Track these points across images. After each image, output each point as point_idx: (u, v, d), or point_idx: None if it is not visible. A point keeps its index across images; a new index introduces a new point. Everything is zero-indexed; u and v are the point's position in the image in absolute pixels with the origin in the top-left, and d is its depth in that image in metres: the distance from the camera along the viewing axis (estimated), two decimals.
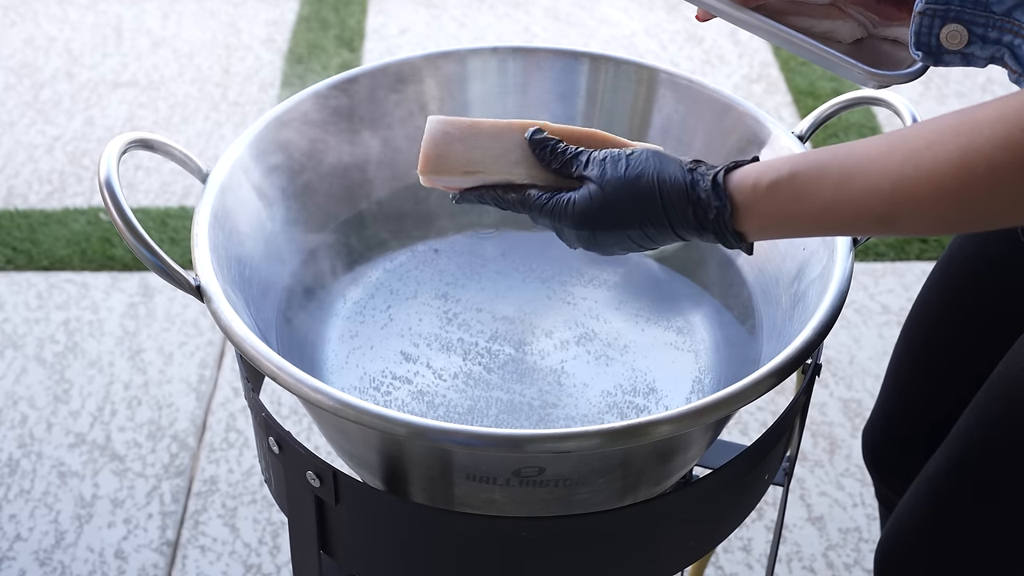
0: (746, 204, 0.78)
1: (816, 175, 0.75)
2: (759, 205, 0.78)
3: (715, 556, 1.66)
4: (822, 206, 0.75)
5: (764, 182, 0.77)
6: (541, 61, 1.17)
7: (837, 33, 0.93)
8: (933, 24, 0.79)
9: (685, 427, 0.82)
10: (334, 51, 2.82)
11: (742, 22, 0.90)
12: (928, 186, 0.69)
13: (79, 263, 2.17)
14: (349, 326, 1.06)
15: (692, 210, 0.80)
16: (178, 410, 1.89)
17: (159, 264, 0.90)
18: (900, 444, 1.24)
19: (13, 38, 2.87)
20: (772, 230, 0.79)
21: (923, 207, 0.70)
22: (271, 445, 0.93)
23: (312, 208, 1.11)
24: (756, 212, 0.78)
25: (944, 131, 0.69)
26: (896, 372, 1.24)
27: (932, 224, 0.72)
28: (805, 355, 0.86)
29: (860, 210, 0.73)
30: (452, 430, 0.80)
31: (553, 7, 3.02)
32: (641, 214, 0.81)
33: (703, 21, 0.95)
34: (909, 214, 0.71)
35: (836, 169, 0.74)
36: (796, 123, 1.09)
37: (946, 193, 0.69)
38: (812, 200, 0.75)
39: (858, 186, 0.72)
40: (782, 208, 0.77)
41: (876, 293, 2.14)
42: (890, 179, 0.71)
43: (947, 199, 0.69)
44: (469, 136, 0.89)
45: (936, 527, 1.03)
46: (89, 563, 1.65)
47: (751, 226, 0.79)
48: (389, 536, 0.93)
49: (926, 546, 1.04)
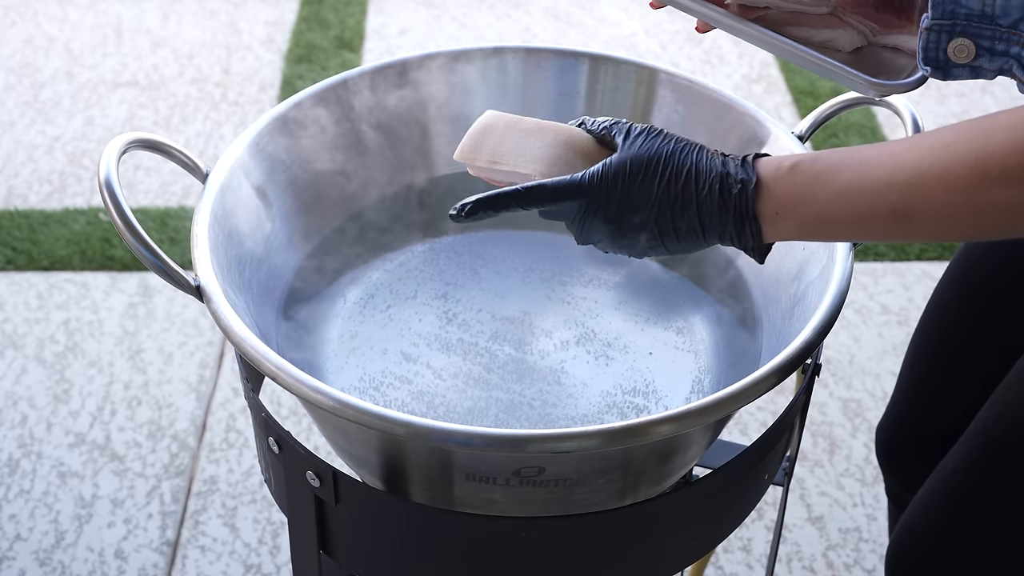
0: (769, 182, 0.78)
1: (837, 161, 0.76)
2: (779, 184, 0.78)
3: (715, 556, 1.66)
4: (839, 192, 0.76)
5: (788, 163, 0.78)
6: (541, 61, 1.17)
7: (837, 42, 0.94)
8: (940, 39, 0.80)
9: (685, 427, 0.82)
10: (334, 51, 2.82)
11: (743, 33, 0.91)
12: (942, 183, 0.71)
13: (79, 263, 2.17)
14: (349, 326, 1.06)
15: (720, 184, 0.79)
16: (178, 410, 1.89)
17: (159, 264, 0.90)
18: (914, 441, 1.24)
19: (13, 38, 2.88)
20: (788, 219, 0.78)
21: (936, 204, 0.71)
22: (271, 445, 0.93)
23: (312, 208, 1.11)
24: (776, 192, 0.78)
25: (962, 133, 0.71)
26: (911, 369, 1.24)
27: (945, 225, 0.73)
28: (805, 355, 0.86)
29: (875, 200, 0.74)
30: (452, 430, 0.80)
31: (553, 7, 3.02)
32: (666, 186, 0.80)
33: (703, 32, 0.96)
34: (922, 210, 0.72)
35: (857, 159, 0.75)
36: (796, 123, 1.09)
37: (958, 192, 0.70)
38: (830, 183, 0.76)
39: (875, 176, 0.74)
40: (800, 189, 0.77)
41: (876, 293, 2.14)
42: (907, 172, 0.72)
43: (959, 198, 0.70)
44: (507, 130, 0.90)
45: (952, 524, 1.03)
46: (89, 563, 1.65)
47: (769, 209, 0.78)
48: (389, 536, 0.93)
49: (941, 543, 1.04)
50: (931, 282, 2.15)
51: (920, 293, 2.13)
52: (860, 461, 1.82)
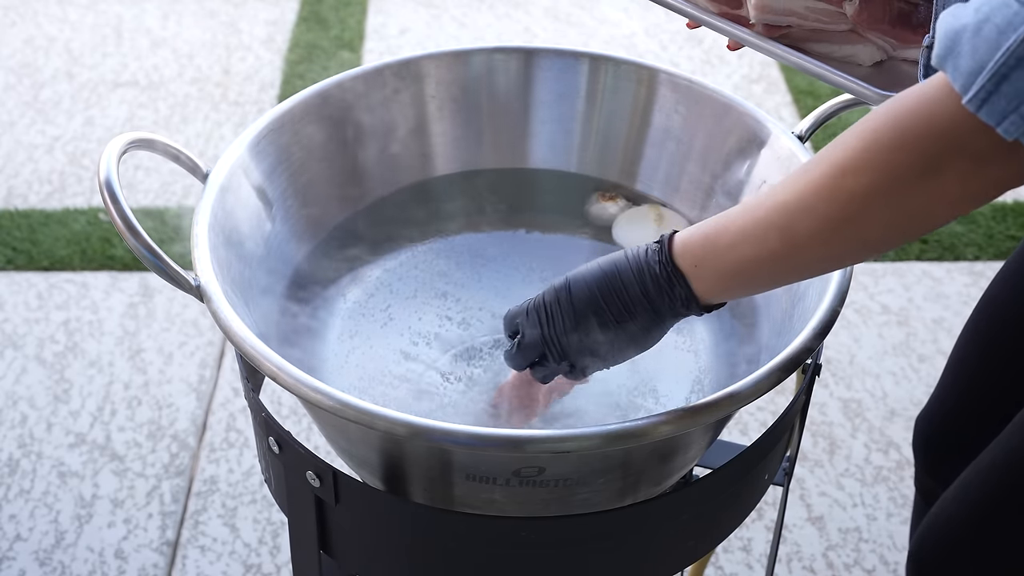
0: (681, 238, 0.83)
1: (733, 213, 0.81)
2: (691, 239, 0.82)
3: (715, 556, 1.66)
4: (736, 232, 0.79)
5: (698, 228, 0.82)
6: (541, 61, 1.18)
7: (858, 57, 0.99)
8: None
9: (685, 427, 0.82)
10: (334, 51, 2.82)
11: (767, 51, 0.98)
12: (811, 187, 0.75)
13: (79, 263, 2.17)
14: (349, 325, 1.06)
15: (644, 252, 0.84)
16: (178, 410, 1.89)
17: (159, 264, 0.90)
18: (954, 434, 1.24)
19: (13, 38, 2.88)
20: (707, 270, 0.82)
21: (811, 214, 0.75)
22: (271, 445, 0.93)
23: (312, 208, 1.12)
24: (689, 245, 0.82)
25: (818, 154, 0.76)
26: (959, 362, 1.25)
27: (829, 235, 0.75)
28: (805, 355, 0.86)
29: (765, 229, 0.78)
30: (452, 430, 0.80)
31: (553, 7, 3.02)
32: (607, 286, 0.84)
33: (734, 50, 1.02)
34: (802, 224, 0.75)
35: (741, 207, 0.81)
36: (796, 123, 1.09)
37: (824, 196, 0.74)
38: (728, 228, 0.80)
39: (759, 212, 0.78)
40: (708, 239, 0.81)
41: (876, 293, 2.14)
42: (784, 195, 0.77)
43: (825, 202, 0.74)
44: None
45: (986, 517, 1.03)
46: (89, 563, 1.65)
47: (687, 263, 0.82)
48: (389, 536, 0.93)
49: (973, 537, 1.05)
50: (931, 282, 2.16)
51: (920, 293, 2.13)
52: (860, 461, 1.82)
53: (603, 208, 1.16)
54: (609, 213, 1.15)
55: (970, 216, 2.30)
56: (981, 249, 2.23)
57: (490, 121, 1.19)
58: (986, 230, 2.27)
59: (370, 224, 1.14)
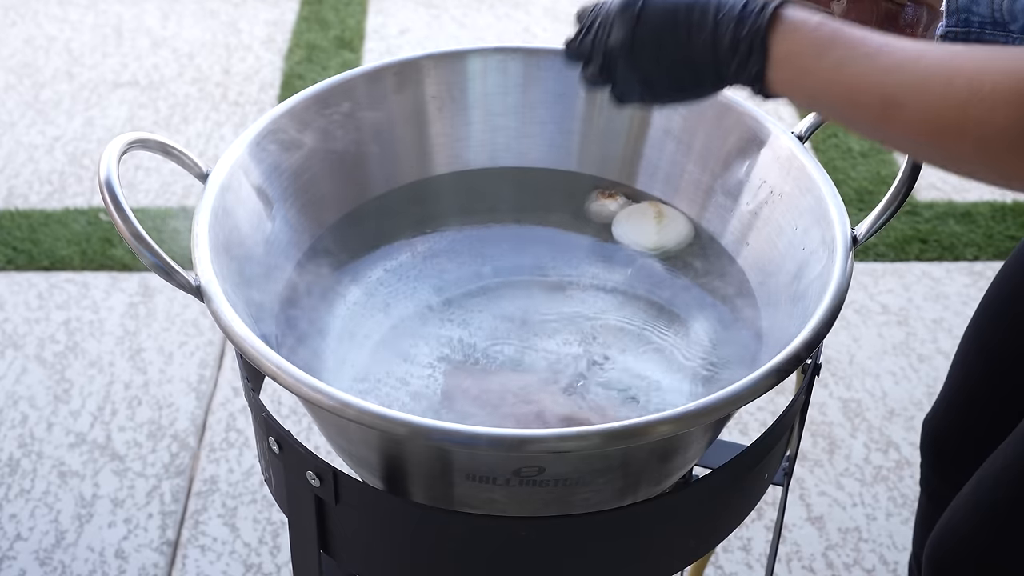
0: (792, 19, 0.78)
1: (859, 36, 0.75)
2: (804, 26, 0.77)
3: (715, 556, 1.66)
4: (836, 62, 0.75)
5: (815, 18, 0.77)
6: (541, 61, 1.18)
7: None
8: None
9: (685, 427, 0.82)
10: (334, 51, 2.82)
11: None
12: (941, 78, 0.70)
13: (79, 263, 2.17)
14: (349, 325, 1.06)
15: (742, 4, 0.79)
16: (178, 410, 1.89)
17: (159, 264, 0.90)
18: (962, 435, 1.24)
19: (13, 38, 2.88)
20: (793, 64, 0.78)
21: (928, 100, 0.70)
22: (271, 445, 0.93)
23: (312, 208, 1.12)
24: (794, 31, 0.77)
25: (969, 49, 0.71)
26: (963, 363, 1.24)
27: (929, 127, 0.71)
28: (805, 355, 0.86)
29: (871, 81, 0.73)
30: (452, 430, 0.80)
31: (553, 7, 3.02)
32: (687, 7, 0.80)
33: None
34: (913, 102, 0.71)
35: (877, 41, 0.75)
36: (795, 123, 1.09)
37: (953, 96, 0.69)
38: (840, 48, 0.75)
39: (883, 61, 0.73)
40: (815, 40, 0.76)
41: (876, 293, 2.14)
42: (909, 64, 0.72)
43: (951, 104, 0.69)
44: None
45: (1000, 517, 1.04)
46: (89, 563, 1.65)
47: (779, 50, 0.77)
48: (389, 536, 0.93)
49: (986, 538, 1.05)
50: (931, 282, 2.16)
51: (920, 293, 2.13)
52: (860, 461, 1.82)
53: (603, 206, 1.16)
54: (609, 210, 1.16)
55: (970, 216, 2.30)
56: (981, 249, 2.23)
57: (490, 121, 1.19)
58: (986, 230, 2.27)
59: (370, 224, 1.14)
